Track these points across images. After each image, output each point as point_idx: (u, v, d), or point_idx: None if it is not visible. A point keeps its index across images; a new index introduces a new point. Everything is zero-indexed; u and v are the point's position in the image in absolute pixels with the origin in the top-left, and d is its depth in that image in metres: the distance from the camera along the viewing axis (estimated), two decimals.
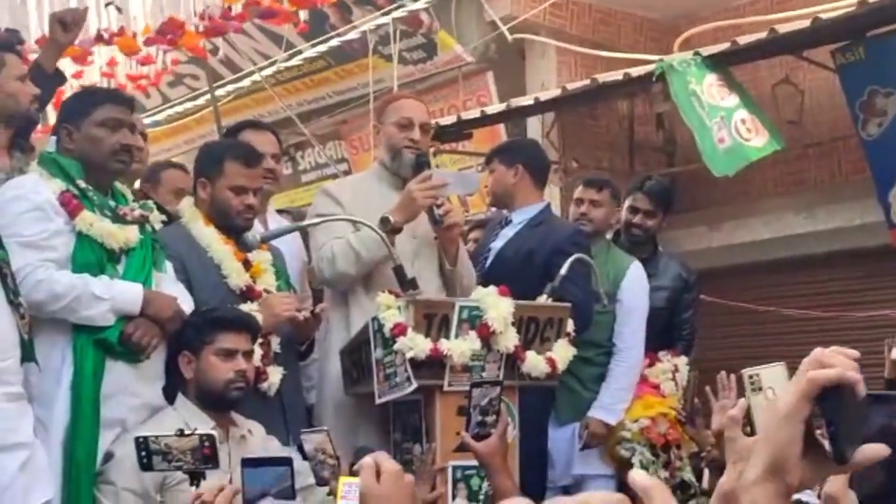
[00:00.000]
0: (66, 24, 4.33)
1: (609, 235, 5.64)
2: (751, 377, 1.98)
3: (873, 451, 1.30)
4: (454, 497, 3.91)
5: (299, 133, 10.72)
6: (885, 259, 7.41)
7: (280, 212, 5.43)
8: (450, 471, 3.89)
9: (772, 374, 1.96)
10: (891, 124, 6.74)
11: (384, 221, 4.16)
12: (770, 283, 8.40)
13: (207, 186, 4.13)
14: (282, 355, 4.09)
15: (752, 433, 1.92)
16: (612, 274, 5.19)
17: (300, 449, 3.93)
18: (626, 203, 5.67)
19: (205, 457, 2.92)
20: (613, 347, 5.20)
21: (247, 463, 2.77)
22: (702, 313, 7.35)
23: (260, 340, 3.88)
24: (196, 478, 2.93)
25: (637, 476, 1.33)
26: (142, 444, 2.91)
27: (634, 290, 5.21)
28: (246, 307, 3.93)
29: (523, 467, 4.12)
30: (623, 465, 5.07)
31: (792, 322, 8.10)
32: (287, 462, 2.84)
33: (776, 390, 1.93)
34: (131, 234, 3.65)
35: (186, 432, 2.91)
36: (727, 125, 6.55)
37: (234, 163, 4.10)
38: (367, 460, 2.09)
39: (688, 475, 5.11)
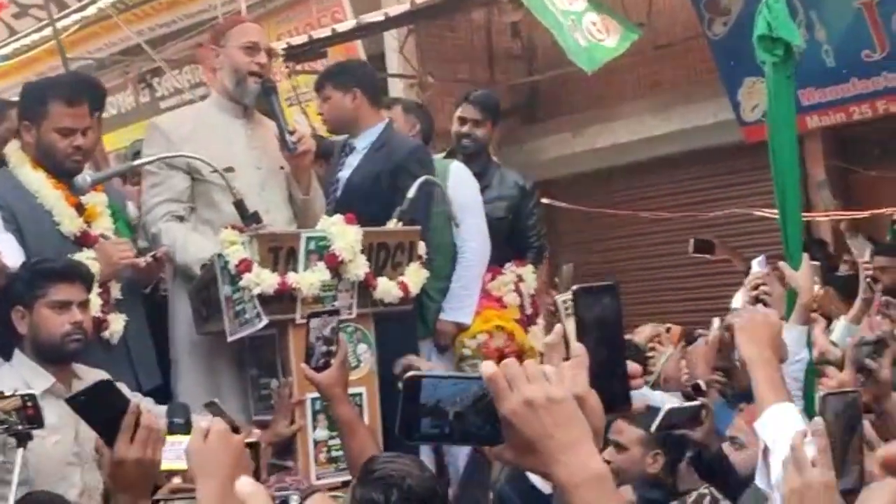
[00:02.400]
0: None
1: (442, 155, 5.62)
2: (565, 302, 1.98)
3: None
4: (314, 428, 3.89)
5: (153, 60, 10.42)
6: (738, 156, 7.56)
7: None
8: (308, 403, 3.86)
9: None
10: (735, 23, 6.84)
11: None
12: (631, 186, 8.53)
13: (32, 129, 3.95)
14: (125, 301, 3.98)
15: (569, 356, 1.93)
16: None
17: (149, 394, 3.88)
18: (456, 114, 5.66)
19: (29, 417, 2.82)
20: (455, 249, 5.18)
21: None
22: (567, 219, 7.46)
23: (99, 290, 3.76)
24: (22, 439, 2.84)
25: (485, 367, 1.40)
26: None
27: (459, 187, 5.13)
28: (83, 255, 3.80)
29: (389, 390, 4.12)
30: None
31: (650, 224, 8.23)
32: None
33: None
34: None
35: (7, 393, 2.81)
36: (579, 28, 6.54)
37: (57, 102, 3.91)
38: (200, 423, 2.07)
39: None
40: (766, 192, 6.95)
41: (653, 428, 3.70)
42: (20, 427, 2.81)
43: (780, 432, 2.49)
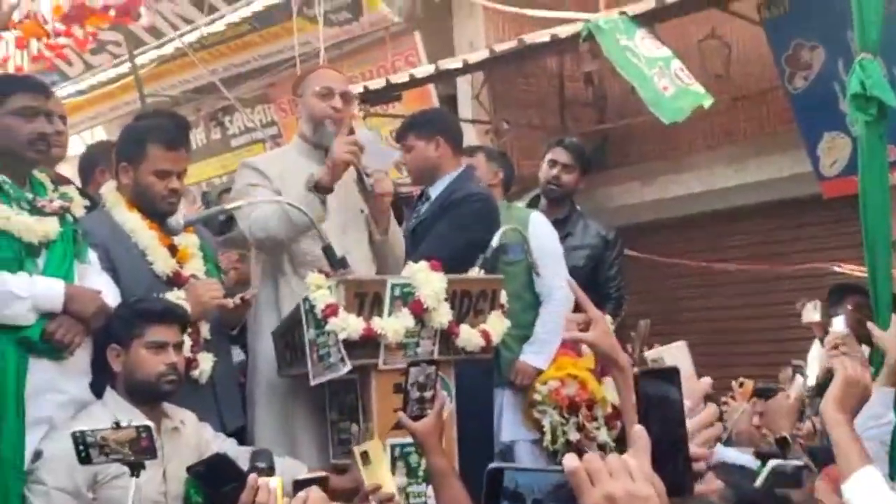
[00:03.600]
0: None
1: (523, 203, 5.65)
2: (654, 360, 1.97)
3: None
4: (393, 475, 3.88)
5: (226, 98, 10.57)
6: (814, 210, 7.49)
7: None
8: (388, 449, 3.86)
9: (674, 354, 1.96)
10: (816, 78, 6.80)
11: (309, 181, 4.08)
12: (703, 237, 8.47)
13: (129, 171, 4.02)
14: (212, 341, 4.01)
15: None
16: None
17: (233, 435, 3.91)
18: (546, 158, 5.68)
19: (143, 448, 2.87)
20: (539, 298, 5.20)
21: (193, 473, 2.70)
22: (635, 268, 7.42)
23: (189, 329, 3.80)
24: (135, 469, 2.87)
25: (567, 460, 1.38)
26: (79, 439, 2.85)
27: (540, 234, 5.15)
28: (173, 294, 3.85)
29: (466, 437, 4.12)
30: (541, 428, 5.10)
31: (726, 275, 8.17)
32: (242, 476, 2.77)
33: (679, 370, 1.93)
34: (50, 227, 3.54)
35: (123, 424, 2.85)
36: (668, 73, 6.51)
37: (157, 146, 3.98)
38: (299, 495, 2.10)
39: (603, 436, 5.12)
40: (842, 247, 6.92)
41: (757, 483, 3.61)
42: (133, 458, 2.84)
43: (869, 499, 2.50)
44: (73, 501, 3.31)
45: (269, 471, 3.08)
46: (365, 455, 3.28)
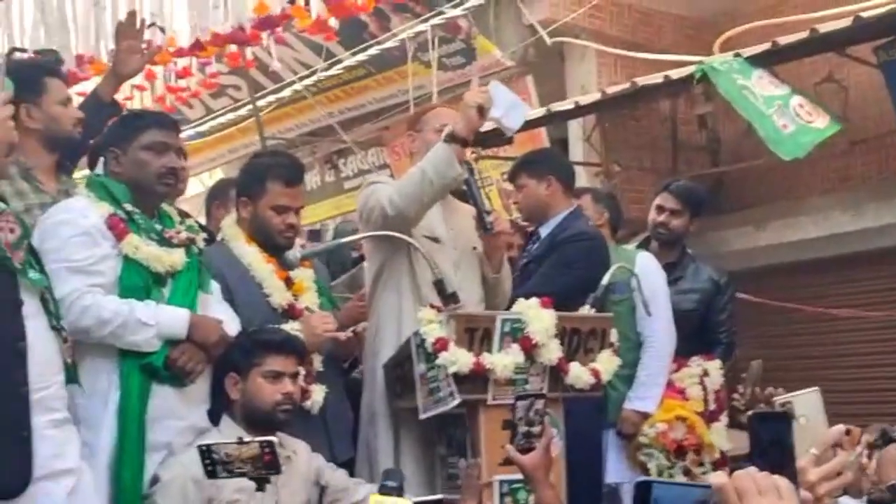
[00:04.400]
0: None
1: (632, 245, 5.63)
2: (783, 405, 1.95)
3: None
4: None
5: (341, 141, 10.76)
6: None
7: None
8: (496, 485, 3.87)
9: (805, 401, 1.93)
10: None
11: (451, 136, 4.09)
12: (818, 282, 8.32)
13: (249, 205, 4.15)
14: (324, 373, 4.09)
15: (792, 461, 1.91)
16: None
17: (343, 466, 3.97)
18: (654, 203, 5.66)
19: (266, 463, 2.94)
20: (641, 338, 5.17)
21: None
22: (749, 313, 7.32)
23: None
24: (260, 483, 2.95)
25: (715, 477, 1.40)
26: (205, 453, 2.93)
27: (649, 274, 5.13)
28: (288, 326, 3.94)
29: (574, 476, 4.12)
30: (647, 471, 5.05)
31: (842, 321, 8.01)
32: None
33: (809, 417, 1.91)
34: (177, 258, 3.67)
35: (246, 439, 2.92)
36: (787, 111, 6.46)
37: (276, 182, 4.12)
38: None
39: None
40: None
41: None
42: (257, 473, 2.92)
43: None
44: None
45: (399, 490, 3.12)
46: None
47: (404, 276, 4.30)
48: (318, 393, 3.98)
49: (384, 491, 2.91)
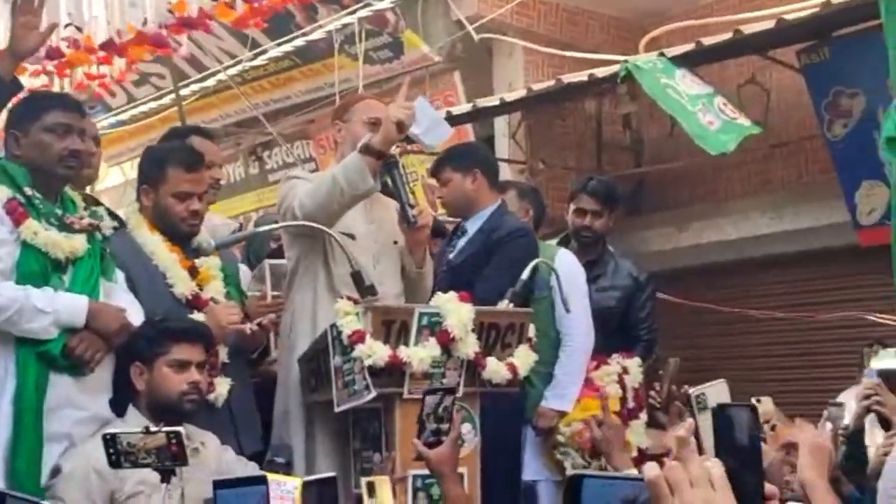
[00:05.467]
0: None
1: (555, 241, 5.62)
2: (698, 396, 1.96)
3: None
4: None
5: (266, 133, 10.64)
6: (851, 259, 7.41)
7: None
8: (410, 480, 3.83)
9: (716, 392, 1.95)
10: (856, 125, 6.75)
11: (366, 147, 4.05)
12: (738, 284, 8.39)
13: (150, 193, 4.04)
14: (230, 365, 4.00)
15: (701, 452, 1.90)
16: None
17: (252, 458, 3.89)
18: (572, 207, 5.63)
19: (172, 455, 2.85)
20: (560, 336, 5.15)
21: (218, 485, 2.67)
22: (669, 313, 7.36)
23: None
24: (165, 476, 2.87)
25: (647, 469, 1.35)
26: (109, 442, 2.84)
27: (566, 272, 5.10)
28: (193, 317, 3.86)
29: (491, 472, 4.09)
30: (563, 470, 5.04)
31: (759, 322, 8.09)
32: (262, 481, 2.74)
33: None
34: (78, 244, 3.56)
35: (152, 429, 2.84)
36: (711, 108, 6.50)
37: (177, 168, 4.01)
38: None
39: None
40: (879, 297, 6.82)
41: None
42: (162, 464, 2.84)
43: None
44: None
45: (287, 466, 3.07)
46: (371, 486, 3.25)
47: (320, 270, 4.25)
48: (222, 385, 3.89)
49: (271, 468, 2.84)
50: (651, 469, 1.34)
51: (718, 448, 1.55)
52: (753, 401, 4.92)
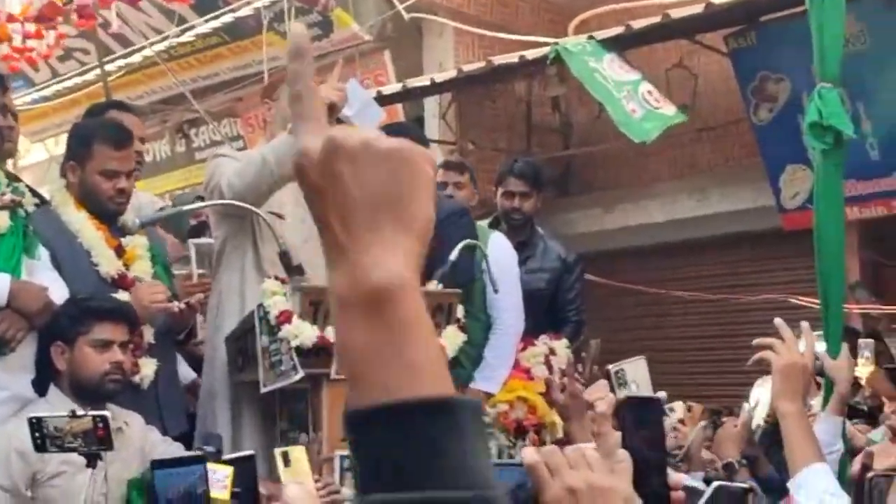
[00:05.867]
0: None
1: (486, 222, 5.62)
2: (616, 372, 2.00)
3: None
4: (342, 486, 3.84)
5: (193, 110, 10.52)
6: (775, 242, 7.53)
7: None
8: (337, 461, 3.81)
9: (635, 368, 1.99)
10: (781, 110, 6.85)
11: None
12: (664, 266, 8.49)
13: (77, 170, 3.96)
14: (156, 346, 3.95)
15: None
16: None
17: (177, 440, 3.85)
18: (500, 190, 5.63)
19: (99, 439, 2.81)
20: (490, 318, 5.16)
21: (156, 464, 2.64)
22: (596, 295, 7.42)
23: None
24: (91, 460, 2.82)
25: (526, 454, 1.39)
26: (35, 426, 2.79)
27: (498, 257, 5.11)
28: (119, 297, 3.79)
29: None
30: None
31: (685, 304, 8.20)
32: (200, 461, 2.71)
33: (639, 384, 1.97)
34: (0, 221, 3.49)
35: (78, 413, 2.79)
36: (635, 97, 6.55)
37: (104, 145, 3.92)
38: None
39: None
40: (802, 280, 6.95)
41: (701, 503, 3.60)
42: (88, 449, 2.79)
43: (814, 495, 2.55)
44: (10, 500, 3.25)
45: (217, 454, 3.04)
46: (286, 456, 3.23)
47: (249, 250, 4.20)
48: (148, 367, 3.83)
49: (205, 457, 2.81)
50: (529, 454, 1.37)
51: (625, 437, 1.59)
52: (682, 405, 5.00)
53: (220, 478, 2.72)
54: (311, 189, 0.91)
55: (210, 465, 2.62)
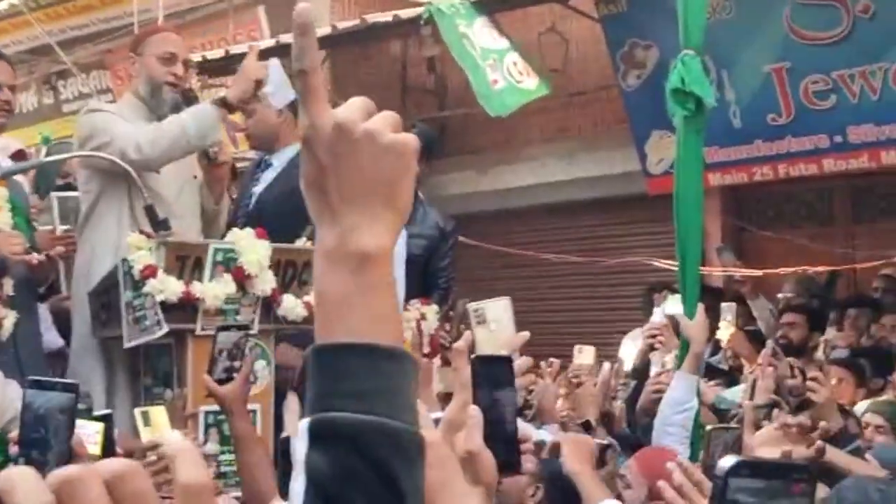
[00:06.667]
0: None
1: None
2: (476, 310, 2.05)
3: None
4: (205, 442, 3.83)
5: (61, 61, 10.26)
6: (641, 207, 7.71)
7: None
8: (201, 416, 3.80)
9: (496, 308, 2.04)
10: (649, 77, 6.99)
11: (222, 101, 4.06)
12: (534, 228, 8.62)
13: None
14: (17, 298, 3.88)
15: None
16: None
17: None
18: None
19: None
20: None
21: (31, 384, 2.56)
22: (466, 256, 7.50)
23: None
24: None
25: None
26: None
27: None
28: None
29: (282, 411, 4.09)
30: None
31: (553, 266, 8.33)
32: (73, 388, 2.65)
33: (499, 323, 2.03)
34: None
35: None
36: (500, 67, 6.60)
37: None
38: None
39: None
40: (666, 244, 7.13)
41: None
42: None
43: None
44: None
45: (88, 413, 3.00)
46: (146, 416, 3.23)
47: (123, 205, 4.13)
48: (8, 319, 3.77)
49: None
50: None
51: (476, 395, 1.65)
52: (544, 363, 5.11)
53: (91, 433, 2.70)
54: (313, 159, 1.04)
55: (80, 422, 2.59)
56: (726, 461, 0.98)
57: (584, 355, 5.41)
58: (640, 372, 4.99)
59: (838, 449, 3.29)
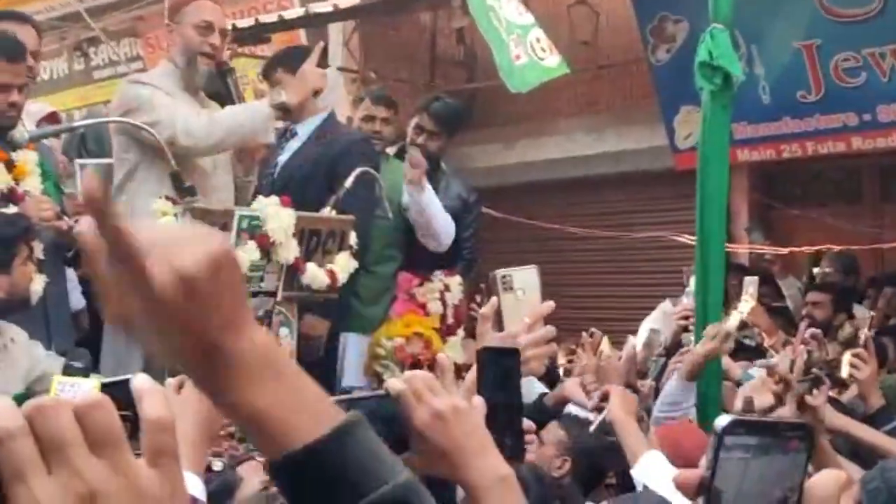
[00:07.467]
0: None
1: (392, 150, 5.64)
2: (503, 277, 2.05)
3: None
4: None
5: (92, 28, 10.29)
6: (668, 182, 7.68)
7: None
8: None
9: (524, 276, 2.04)
10: (678, 51, 6.95)
11: (273, 97, 4.22)
12: (560, 202, 8.60)
13: None
14: (46, 262, 3.92)
15: (501, 329, 2.02)
16: (392, 183, 5.16)
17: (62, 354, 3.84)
18: (413, 121, 5.64)
19: None
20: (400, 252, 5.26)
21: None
22: (493, 228, 7.51)
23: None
24: None
25: (391, 384, 1.51)
26: None
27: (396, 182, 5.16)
28: (7, 211, 3.75)
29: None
30: (382, 382, 5.13)
31: (579, 240, 8.32)
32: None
33: (526, 291, 2.03)
34: None
35: None
36: (523, 42, 6.55)
37: None
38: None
39: None
40: (692, 220, 7.11)
41: (592, 429, 3.70)
42: None
43: (654, 475, 2.94)
44: None
45: (86, 370, 3.04)
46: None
47: (165, 176, 4.17)
48: (37, 282, 3.81)
49: (69, 371, 2.82)
50: (393, 384, 1.47)
51: (481, 385, 1.67)
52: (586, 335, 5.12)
53: (84, 390, 2.73)
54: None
55: (73, 379, 2.62)
56: (722, 419, 1.00)
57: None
58: (672, 351, 5.00)
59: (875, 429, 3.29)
